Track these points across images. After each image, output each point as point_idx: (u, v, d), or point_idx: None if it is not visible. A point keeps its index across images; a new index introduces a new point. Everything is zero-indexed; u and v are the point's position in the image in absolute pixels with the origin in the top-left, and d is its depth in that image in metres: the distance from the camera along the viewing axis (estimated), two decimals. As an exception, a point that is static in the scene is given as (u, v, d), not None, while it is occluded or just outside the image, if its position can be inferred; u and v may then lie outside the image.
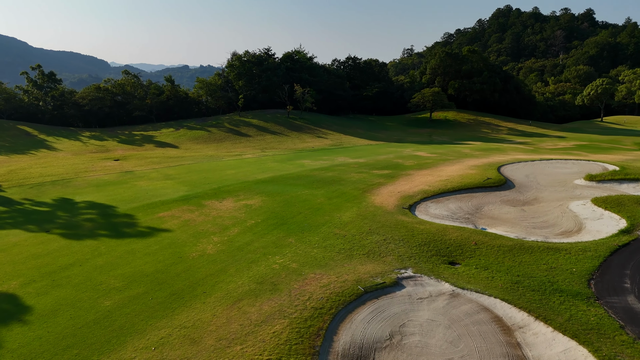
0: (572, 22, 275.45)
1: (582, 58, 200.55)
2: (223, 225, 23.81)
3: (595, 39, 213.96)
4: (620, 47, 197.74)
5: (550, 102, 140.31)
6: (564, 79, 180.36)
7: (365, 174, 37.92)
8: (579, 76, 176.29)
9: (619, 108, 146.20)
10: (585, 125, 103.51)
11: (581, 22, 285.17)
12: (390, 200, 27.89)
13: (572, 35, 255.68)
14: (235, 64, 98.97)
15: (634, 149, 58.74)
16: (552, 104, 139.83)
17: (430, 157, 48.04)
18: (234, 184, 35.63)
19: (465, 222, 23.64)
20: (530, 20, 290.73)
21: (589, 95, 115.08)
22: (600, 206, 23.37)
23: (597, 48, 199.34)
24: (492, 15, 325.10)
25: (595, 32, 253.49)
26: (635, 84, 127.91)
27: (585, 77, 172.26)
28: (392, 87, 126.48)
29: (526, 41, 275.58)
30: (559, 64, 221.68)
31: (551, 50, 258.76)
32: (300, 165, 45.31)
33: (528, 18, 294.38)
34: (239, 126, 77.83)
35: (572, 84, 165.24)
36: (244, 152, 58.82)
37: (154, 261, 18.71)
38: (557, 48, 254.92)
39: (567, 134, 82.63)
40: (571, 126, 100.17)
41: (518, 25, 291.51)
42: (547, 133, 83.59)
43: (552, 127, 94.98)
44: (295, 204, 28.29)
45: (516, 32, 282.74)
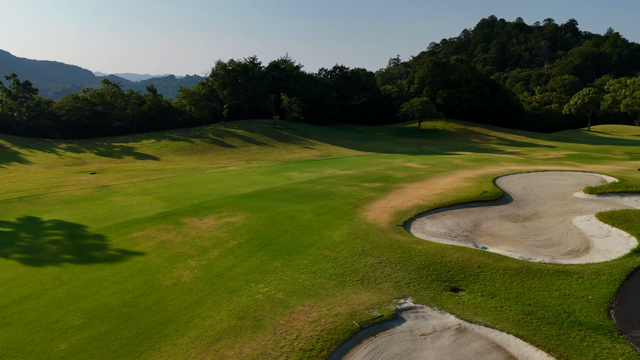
0: (555, 33, 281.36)
1: (566, 68, 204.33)
2: (202, 247, 21.95)
3: (579, 48, 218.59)
4: (604, 56, 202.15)
5: (538, 112, 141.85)
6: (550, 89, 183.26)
7: (355, 187, 36.44)
8: (564, 85, 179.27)
9: (604, 117, 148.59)
10: (574, 134, 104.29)
11: (564, 33, 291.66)
12: (384, 216, 26.38)
13: (556, 45, 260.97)
14: (220, 73, 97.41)
15: (625, 158, 58.65)
16: (539, 113, 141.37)
17: (421, 168, 46.88)
18: (216, 199, 33.77)
19: (465, 240, 22.23)
20: (514, 30, 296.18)
21: (576, 104, 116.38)
22: (606, 222, 22.21)
23: (581, 58, 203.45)
24: (477, 26, 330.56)
25: (578, 42, 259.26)
26: (621, 93, 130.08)
27: (570, 87, 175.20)
28: (380, 97, 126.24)
29: (511, 51, 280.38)
30: (544, 73, 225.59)
31: (536, 60, 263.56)
32: (287, 177, 43.67)
33: (512, 28, 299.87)
34: (224, 137, 75.97)
35: (557, 94, 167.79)
36: (228, 164, 56.94)
37: (122, 291, 16.77)
38: (541, 58, 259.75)
39: (556, 143, 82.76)
40: (560, 135, 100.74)
41: (503, 35, 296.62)
42: (537, 143, 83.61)
43: (542, 137, 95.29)
44: (282, 221, 26.58)
45: (501, 42, 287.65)
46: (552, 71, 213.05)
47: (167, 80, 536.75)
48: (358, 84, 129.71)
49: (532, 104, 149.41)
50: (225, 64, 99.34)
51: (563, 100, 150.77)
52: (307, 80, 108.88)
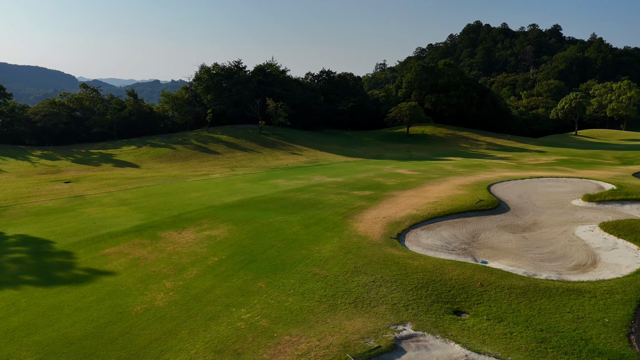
0: (540, 38, 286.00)
1: (552, 72, 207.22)
2: (179, 265, 20.24)
3: (564, 53, 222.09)
4: (589, 61, 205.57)
5: (525, 116, 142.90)
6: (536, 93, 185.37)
7: (345, 196, 35.06)
8: (550, 90, 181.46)
9: (590, 121, 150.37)
10: (562, 139, 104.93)
11: (549, 38, 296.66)
12: (376, 227, 25.01)
13: (541, 50, 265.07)
14: (203, 77, 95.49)
15: (616, 163, 58.58)
16: (527, 118, 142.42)
17: (412, 175, 45.79)
18: (197, 209, 32.02)
19: (463, 254, 20.96)
20: (500, 35, 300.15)
21: (564, 109, 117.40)
22: (611, 233, 21.20)
23: (566, 63, 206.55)
24: (462, 31, 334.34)
25: (562, 47, 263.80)
26: (606, 97, 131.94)
27: (556, 91, 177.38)
28: (368, 102, 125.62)
29: (497, 56, 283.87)
30: (530, 78, 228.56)
31: (522, 64, 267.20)
32: (273, 185, 42.09)
33: (498, 33, 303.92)
34: (207, 143, 74.03)
35: (544, 98, 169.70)
36: (212, 171, 55.10)
37: (85, 320, 14.99)
38: (527, 63, 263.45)
39: (546, 148, 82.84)
40: (548, 140, 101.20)
41: (488, 40, 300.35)
42: (526, 147, 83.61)
43: (531, 142, 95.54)
44: (267, 234, 25.00)
45: (487, 47, 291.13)
46: (538, 76, 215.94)
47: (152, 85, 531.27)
48: (345, 89, 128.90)
49: (519, 109, 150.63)
50: (209, 68, 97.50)
51: (549, 105, 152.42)
52: (293, 84, 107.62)
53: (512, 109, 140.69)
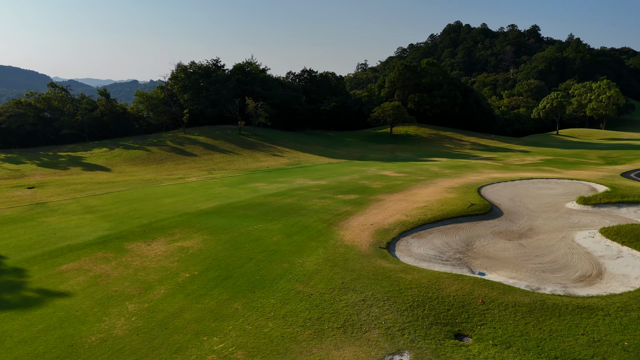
0: (519, 38, 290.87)
1: (532, 72, 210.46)
2: (146, 283, 18.18)
3: (543, 54, 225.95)
4: (567, 61, 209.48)
5: (507, 116, 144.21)
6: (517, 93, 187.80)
7: (329, 200, 33.39)
8: (530, 90, 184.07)
9: (569, 121, 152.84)
10: (544, 138, 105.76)
11: (528, 38, 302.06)
12: (363, 236, 23.39)
13: (521, 51, 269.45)
14: (180, 76, 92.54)
15: (601, 163, 58.62)
16: (508, 118, 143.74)
17: (398, 177, 44.45)
18: (170, 217, 29.85)
19: (459, 265, 19.52)
20: (480, 35, 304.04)
21: (545, 108, 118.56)
22: (614, 240, 20.07)
23: (545, 63, 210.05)
24: (443, 31, 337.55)
25: (541, 47, 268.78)
26: (586, 97, 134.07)
27: (536, 91, 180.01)
28: (350, 101, 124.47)
29: (477, 56, 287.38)
30: (510, 78, 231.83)
31: (502, 64, 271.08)
32: (252, 189, 40.11)
33: (478, 34, 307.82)
34: (184, 144, 71.38)
35: (524, 98, 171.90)
36: (188, 175, 52.70)
37: (28, 355, 12.86)
38: (507, 63, 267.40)
39: (530, 148, 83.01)
40: (531, 140, 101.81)
41: (469, 40, 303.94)
42: (510, 147, 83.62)
43: (514, 141, 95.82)
44: (245, 244, 23.10)
45: (467, 47, 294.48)
46: (518, 76, 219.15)
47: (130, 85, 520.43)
48: (327, 88, 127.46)
49: (501, 109, 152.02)
50: (186, 67, 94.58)
51: (530, 105, 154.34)
52: (274, 84, 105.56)
53: (494, 109, 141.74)
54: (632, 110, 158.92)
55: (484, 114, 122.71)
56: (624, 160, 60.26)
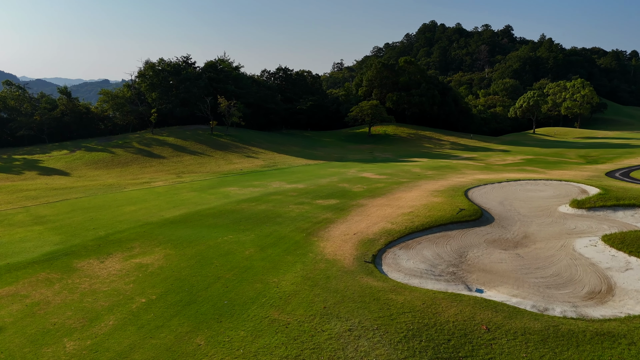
0: (493, 38, 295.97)
1: (507, 72, 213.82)
2: (93, 312, 15.52)
3: (517, 53, 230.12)
4: (541, 61, 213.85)
5: (484, 115, 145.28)
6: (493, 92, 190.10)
7: (307, 206, 31.16)
8: (506, 89, 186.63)
9: (544, 120, 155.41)
10: (521, 137, 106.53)
11: (501, 38, 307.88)
12: (346, 248, 21.27)
13: (495, 50, 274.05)
14: (147, 74, 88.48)
15: (582, 162, 58.53)
16: (485, 117, 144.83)
17: (380, 179, 42.63)
18: (130, 228, 27.03)
19: (453, 280, 17.64)
20: (455, 35, 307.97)
21: (522, 107, 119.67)
22: (619, 249, 18.61)
23: (519, 62, 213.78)
24: (418, 30, 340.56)
25: (514, 47, 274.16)
26: (561, 96, 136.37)
27: (512, 90, 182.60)
28: (327, 101, 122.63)
29: (453, 55, 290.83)
30: (486, 77, 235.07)
31: (477, 64, 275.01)
32: (224, 195, 37.46)
33: (453, 33, 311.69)
34: (151, 146, 67.79)
35: (500, 97, 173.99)
36: (155, 179, 49.50)
37: None
38: (482, 62, 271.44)
39: (509, 147, 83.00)
40: (509, 139, 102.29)
41: (444, 40, 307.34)
42: (490, 147, 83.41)
43: (493, 141, 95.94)
44: (214, 260, 20.63)
45: (443, 46, 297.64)
46: (493, 75, 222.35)
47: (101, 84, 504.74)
48: (304, 87, 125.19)
49: (477, 108, 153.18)
50: (154, 64, 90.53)
51: (506, 104, 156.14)
52: (248, 82, 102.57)
53: (471, 108, 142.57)
54: (605, 109, 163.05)
55: (462, 113, 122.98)
56: (604, 159, 60.40)
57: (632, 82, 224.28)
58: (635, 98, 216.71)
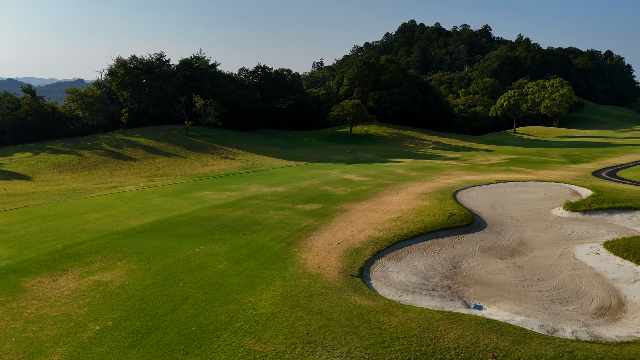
0: (472, 38, 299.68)
1: (486, 71, 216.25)
2: (36, 344, 13.36)
3: (495, 53, 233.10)
4: (519, 60, 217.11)
5: (464, 114, 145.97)
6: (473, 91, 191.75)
7: (287, 212, 29.31)
8: (485, 88, 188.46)
9: (523, 119, 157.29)
10: (503, 136, 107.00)
11: (480, 38, 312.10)
12: (330, 259, 19.54)
13: (474, 50, 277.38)
14: (118, 72, 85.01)
15: (565, 161, 58.36)
16: (466, 116, 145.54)
17: (364, 181, 41.09)
18: (92, 238, 24.68)
19: (449, 296, 16.11)
20: (434, 34, 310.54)
21: (502, 106, 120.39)
22: (625, 257, 17.42)
23: (498, 61, 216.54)
24: (398, 30, 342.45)
25: (493, 47, 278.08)
26: (539, 95, 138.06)
27: (491, 89, 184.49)
28: (308, 100, 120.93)
29: (432, 55, 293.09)
30: (465, 76, 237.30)
31: (456, 63, 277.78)
32: (198, 200, 35.26)
33: (432, 33, 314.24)
34: (122, 147, 64.74)
35: (480, 96, 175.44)
36: (124, 182, 46.80)
37: None
38: (461, 61, 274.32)
39: (492, 146, 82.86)
40: (490, 138, 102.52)
41: (424, 39, 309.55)
42: (473, 146, 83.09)
43: (475, 140, 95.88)
44: (182, 276, 18.61)
45: (422, 45, 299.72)
46: (473, 74, 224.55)
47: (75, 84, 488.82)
48: (283, 86, 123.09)
49: (458, 107, 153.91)
50: (125, 61, 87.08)
51: (486, 103, 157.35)
52: (225, 80, 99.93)
53: (452, 107, 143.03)
54: (582, 108, 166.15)
55: (444, 113, 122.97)
56: (587, 158, 60.45)
57: (607, 81, 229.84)
58: (610, 97, 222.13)
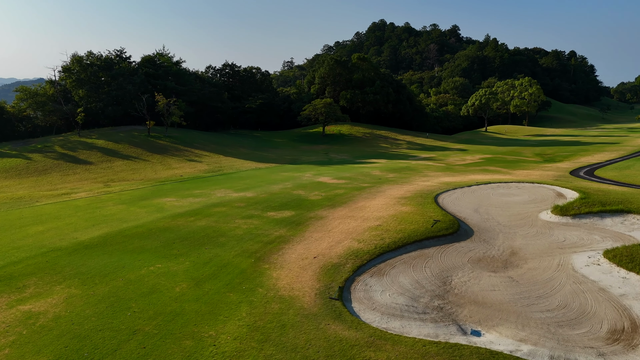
0: (442, 37, 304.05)
1: (456, 70, 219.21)
2: None
3: (465, 52, 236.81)
4: (488, 60, 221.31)
5: (436, 113, 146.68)
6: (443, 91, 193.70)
7: (257, 221, 26.86)
8: (456, 87, 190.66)
9: (493, 118, 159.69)
10: (475, 136, 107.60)
11: (449, 37, 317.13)
12: (305, 278, 17.32)
13: (444, 49, 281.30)
14: (74, 68, 79.93)
15: (540, 160, 58.26)
16: (438, 115, 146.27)
17: (339, 184, 39.05)
18: (29, 257, 21.55)
19: (442, 319, 14.18)
20: (404, 34, 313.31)
21: (474, 105, 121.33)
22: (630, 269, 16.02)
23: (468, 61, 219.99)
24: (368, 29, 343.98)
25: (462, 46, 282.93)
26: (509, 94, 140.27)
27: (462, 89, 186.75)
28: (278, 99, 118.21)
29: (403, 54, 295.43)
30: (436, 76, 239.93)
31: (427, 63, 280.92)
32: (158, 207, 32.26)
33: (402, 32, 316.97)
34: (77, 150, 60.36)
35: (451, 95, 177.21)
36: (77, 189, 43.05)
37: None
38: (431, 61, 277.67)
39: (465, 146, 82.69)
40: (463, 137, 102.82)
41: (394, 38, 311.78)
42: (447, 146, 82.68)
43: (448, 140, 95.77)
44: (131, 303, 15.96)
45: (393, 45, 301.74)
46: (443, 74, 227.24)
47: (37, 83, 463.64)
48: (253, 85, 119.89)
49: (429, 106, 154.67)
50: (81, 57, 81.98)
51: (457, 102, 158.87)
52: (190, 78, 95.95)
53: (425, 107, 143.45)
54: (549, 107, 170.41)
55: (416, 112, 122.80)
56: (560, 157, 60.63)
57: (572, 81, 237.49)
58: (575, 96, 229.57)
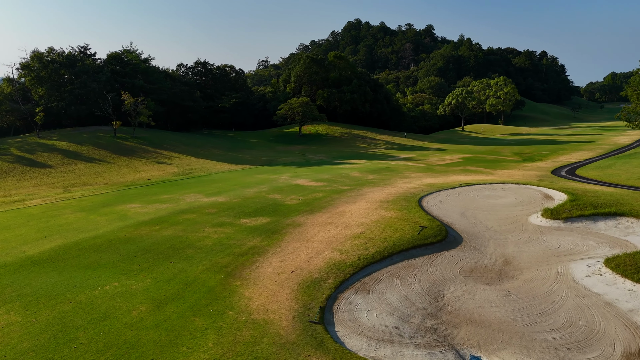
0: (417, 37, 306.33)
1: (431, 70, 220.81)
2: None
3: (440, 52, 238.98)
4: (463, 59, 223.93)
5: (413, 113, 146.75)
6: (419, 90, 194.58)
7: (229, 229, 24.82)
8: (432, 87, 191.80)
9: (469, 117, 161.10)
10: (452, 135, 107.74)
11: (424, 37, 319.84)
12: (282, 296, 15.49)
13: (419, 49, 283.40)
14: (33, 65, 75.55)
15: (519, 160, 58.02)
16: (415, 115, 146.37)
17: (317, 187, 37.28)
18: (-35, 277, 18.93)
19: (437, 343, 12.63)
20: (380, 33, 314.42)
21: (450, 104, 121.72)
22: (637, 281, 14.81)
23: (443, 60, 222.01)
24: (344, 28, 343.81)
25: (436, 46, 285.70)
26: (484, 93, 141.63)
27: (437, 88, 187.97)
28: (253, 98, 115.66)
29: (379, 53, 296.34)
30: (412, 75, 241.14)
31: (402, 62, 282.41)
32: (120, 215, 29.75)
33: (378, 31, 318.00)
34: (35, 152, 56.62)
35: (427, 95, 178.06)
36: (33, 195, 39.88)
37: None
38: (407, 60, 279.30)
39: (443, 145, 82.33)
40: (441, 137, 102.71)
41: (370, 38, 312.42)
42: (425, 146, 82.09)
43: (426, 139, 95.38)
44: (79, 332, 13.79)
45: (368, 44, 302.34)
46: (419, 73, 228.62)
47: None
48: (226, 83, 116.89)
49: (406, 105, 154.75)
50: (41, 54, 77.56)
51: (433, 101, 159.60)
52: (160, 76, 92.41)
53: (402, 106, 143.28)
54: (523, 106, 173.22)
55: (394, 111, 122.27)
56: (539, 156, 60.62)
57: (544, 80, 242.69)
58: (547, 96, 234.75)
